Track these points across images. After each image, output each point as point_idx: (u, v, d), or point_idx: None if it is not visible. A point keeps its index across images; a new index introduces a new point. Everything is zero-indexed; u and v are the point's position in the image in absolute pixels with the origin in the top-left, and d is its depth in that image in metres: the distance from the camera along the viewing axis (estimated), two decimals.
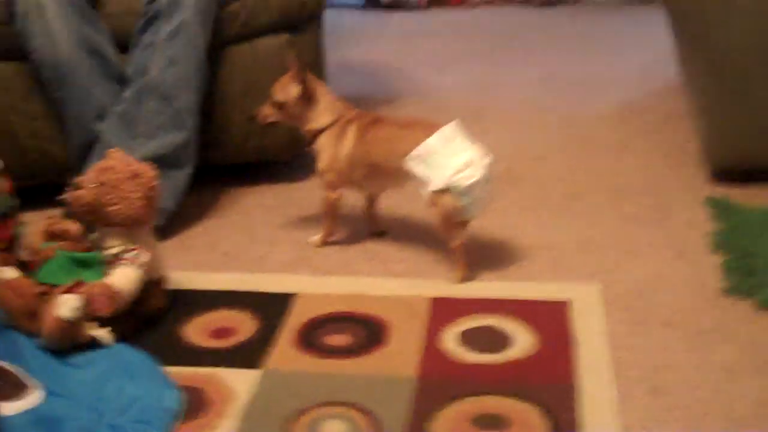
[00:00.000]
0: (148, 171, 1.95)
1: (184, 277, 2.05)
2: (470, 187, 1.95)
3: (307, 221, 2.35)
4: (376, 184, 2.18)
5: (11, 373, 1.64)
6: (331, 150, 2.13)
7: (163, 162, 2.15)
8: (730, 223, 2.21)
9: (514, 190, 2.47)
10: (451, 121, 2.01)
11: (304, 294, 1.99)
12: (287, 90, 2.14)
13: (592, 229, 2.25)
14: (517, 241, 2.20)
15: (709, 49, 2.33)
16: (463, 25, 4.16)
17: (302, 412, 1.61)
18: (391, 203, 2.32)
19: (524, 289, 1.99)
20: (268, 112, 2.18)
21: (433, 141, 1.96)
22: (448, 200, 1.96)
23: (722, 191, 2.39)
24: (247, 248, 2.25)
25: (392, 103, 3.15)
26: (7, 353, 1.67)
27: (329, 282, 2.07)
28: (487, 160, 1.97)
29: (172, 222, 2.30)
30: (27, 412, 1.57)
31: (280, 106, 2.16)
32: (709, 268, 2.04)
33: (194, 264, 2.17)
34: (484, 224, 2.18)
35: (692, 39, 2.41)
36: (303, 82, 2.13)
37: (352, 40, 3.92)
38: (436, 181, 1.95)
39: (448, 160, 1.95)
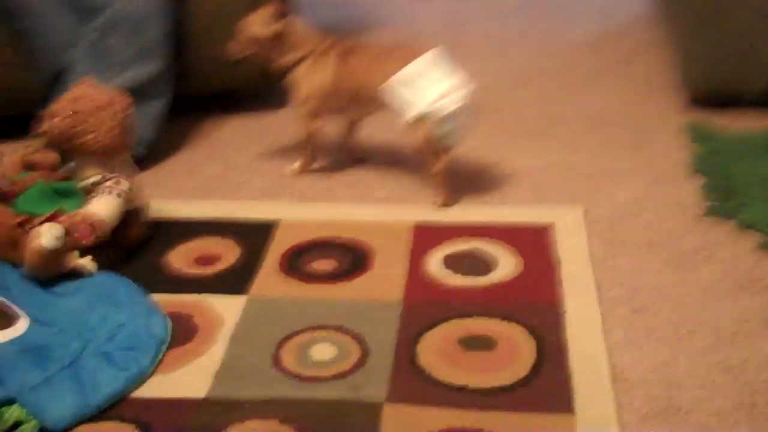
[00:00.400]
0: (121, 99, 1.92)
1: (164, 206, 2.04)
2: (450, 115, 1.94)
3: (283, 150, 2.33)
4: (357, 110, 2.16)
5: None
6: (310, 79, 2.10)
7: (137, 93, 2.11)
8: (709, 148, 2.22)
9: (492, 118, 2.46)
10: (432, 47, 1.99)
11: (286, 221, 1.98)
12: (263, 25, 2.09)
13: (572, 155, 2.26)
14: (498, 168, 2.20)
15: None
16: None
17: (290, 335, 1.61)
18: (371, 130, 2.30)
19: (506, 213, 1.99)
20: (239, 48, 2.13)
21: (415, 66, 1.94)
22: (427, 127, 1.95)
23: (699, 117, 2.40)
24: (226, 177, 2.23)
25: (367, 34, 3.11)
26: None
27: (311, 209, 2.06)
28: (468, 88, 1.95)
29: (149, 152, 2.27)
30: (13, 341, 1.56)
31: (256, 41, 2.11)
32: (689, 191, 2.06)
33: (173, 193, 2.15)
34: (465, 151, 2.17)
35: None
36: (282, 17, 2.08)
37: None
38: (416, 107, 1.94)
39: (429, 85, 1.93)
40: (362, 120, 2.22)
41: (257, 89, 2.59)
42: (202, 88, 2.52)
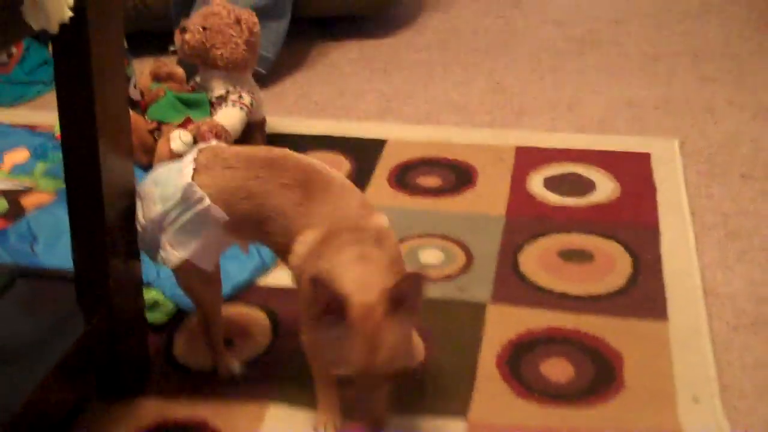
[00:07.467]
0: (250, 17, 2.04)
1: (279, 122, 2.16)
2: None
3: (391, 75, 2.43)
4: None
5: None
6: None
7: (262, 12, 2.23)
8: None
9: (594, 52, 2.52)
10: None
11: (394, 140, 2.10)
12: None
13: (671, 89, 2.31)
14: (598, 99, 2.27)
15: None
16: None
17: (400, 241, 1.73)
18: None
19: (606, 141, 2.07)
20: None
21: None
22: None
23: None
24: (336, 99, 2.35)
25: None
26: None
27: (417, 131, 2.16)
28: None
29: (268, 71, 2.40)
30: None
31: None
32: None
33: (288, 111, 2.28)
34: (565, 83, 2.25)
35: None
36: None
37: None
38: None
39: None
40: None
41: (369, 15, 2.69)
42: (318, 11, 2.63)
